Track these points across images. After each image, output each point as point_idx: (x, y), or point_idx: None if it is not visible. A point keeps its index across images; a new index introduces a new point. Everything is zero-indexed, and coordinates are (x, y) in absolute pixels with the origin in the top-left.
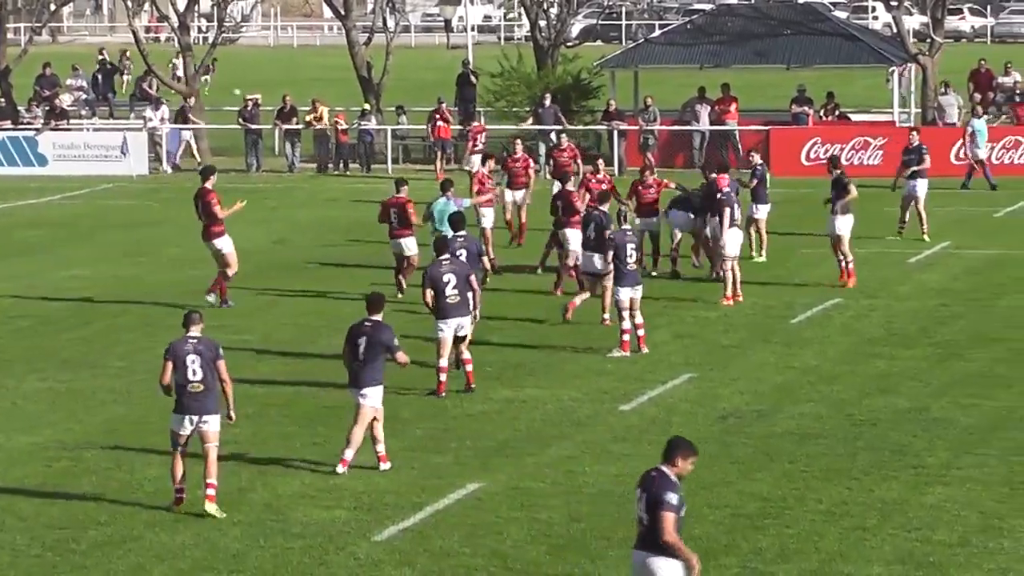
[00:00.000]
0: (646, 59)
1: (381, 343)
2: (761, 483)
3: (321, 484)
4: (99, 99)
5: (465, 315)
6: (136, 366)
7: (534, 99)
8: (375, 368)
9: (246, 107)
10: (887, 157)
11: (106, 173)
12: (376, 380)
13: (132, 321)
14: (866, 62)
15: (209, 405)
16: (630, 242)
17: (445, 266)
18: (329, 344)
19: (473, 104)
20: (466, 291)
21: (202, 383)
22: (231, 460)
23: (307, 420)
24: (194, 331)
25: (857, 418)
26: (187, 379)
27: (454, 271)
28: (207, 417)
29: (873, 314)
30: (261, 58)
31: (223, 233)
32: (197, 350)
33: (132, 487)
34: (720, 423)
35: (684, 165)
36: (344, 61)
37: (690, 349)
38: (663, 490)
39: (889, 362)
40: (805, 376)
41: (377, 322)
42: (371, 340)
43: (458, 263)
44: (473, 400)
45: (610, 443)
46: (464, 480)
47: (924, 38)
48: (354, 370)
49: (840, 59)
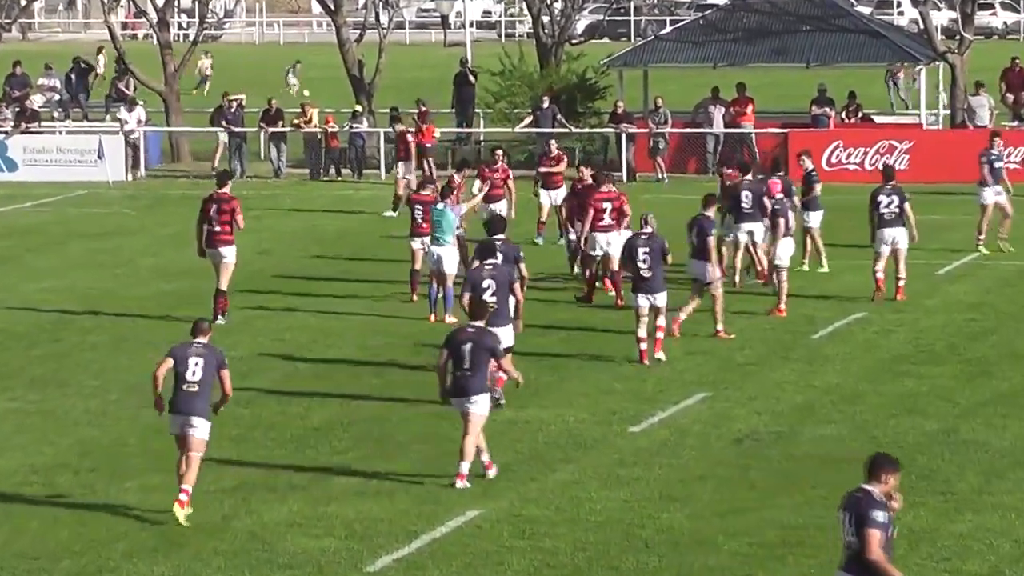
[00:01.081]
0: (656, 57)
1: (487, 348)
2: (781, 510)
3: (309, 511)
4: (72, 100)
5: (502, 325)
6: (111, 385)
7: (537, 100)
8: (482, 375)
9: (229, 108)
10: (914, 162)
11: (80, 179)
12: (484, 387)
13: (106, 337)
14: (891, 60)
15: (197, 407)
16: (642, 247)
17: (487, 271)
18: (317, 361)
19: (472, 105)
20: (506, 300)
21: (198, 384)
22: (213, 485)
23: (295, 443)
24: (201, 339)
25: (882, 440)
26: (185, 378)
27: (495, 277)
28: (194, 420)
29: (899, 329)
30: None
31: (233, 243)
32: (201, 354)
33: (108, 514)
34: (736, 446)
35: (697, 171)
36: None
37: (703, 366)
38: (870, 508)
39: (916, 380)
40: (827, 395)
41: (481, 327)
42: (477, 346)
43: (500, 270)
44: None
45: (618, 467)
46: (462, 506)
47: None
48: (459, 379)
49: (863, 57)
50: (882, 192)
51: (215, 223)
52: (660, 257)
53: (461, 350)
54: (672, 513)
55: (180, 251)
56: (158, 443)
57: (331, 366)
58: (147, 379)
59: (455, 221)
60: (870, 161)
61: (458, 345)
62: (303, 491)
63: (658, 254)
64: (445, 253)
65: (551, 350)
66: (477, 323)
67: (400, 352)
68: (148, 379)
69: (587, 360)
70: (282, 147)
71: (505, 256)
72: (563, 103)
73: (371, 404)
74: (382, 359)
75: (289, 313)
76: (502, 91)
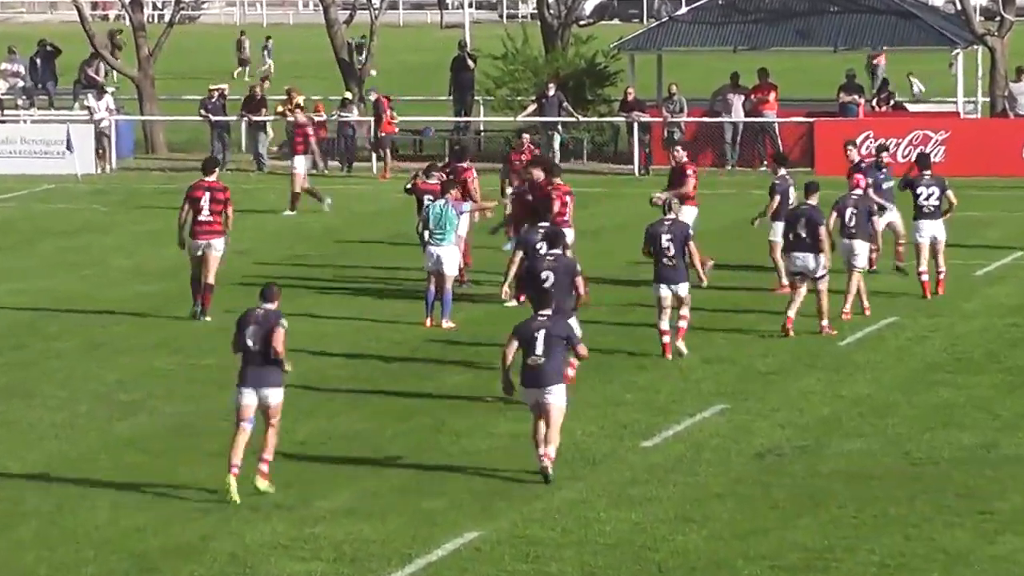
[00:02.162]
0: (671, 40)
1: (560, 336)
2: (805, 531)
3: (295, 532)
4: (38, 87)
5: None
6: (80, 395)
7: (541, 86)
8: (556, 364)
9: (210, 98)
10: (950, 153)
11: (47, 172)
12: (560, 377)
13: (75, 344)
14: (925, 44)
15: (267, 377)
16: (664, 234)
17: (548, 262)
18: (303, 371)
19: (471, 92)
20: (566, 293)
21: (259, 354)
22: (190, 504)
23: (278, 459)
24: (268, 305)
25: (915, 456)
26: (246, 348)
27: (555, 268)
28: (266, 391)
29: (934, 335)
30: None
31: (224, 234)
32: (258, 320)
33: (77, 535)
34: (757, 461)
35: (713, 163)
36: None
37: (722, 375)
38: None
39: (953, 391)
40: (855, 407)
41: (551, 314)
42: (550, 334)
43: (561, 260)
44: (472, 435)
45: (629, 485)
46: (461, 527)
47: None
48: (532, 369)
49: (895, 40)
50: (921, 183)
51: (205, 212)
52: (683, 244)
53: (533, 339)
54: (688, 535)
55: (155, 250)
56: (130, 457)
57: (318, 375)
58: (118, 389)
59: (455, 219)
60: (903, 153)
61: (530, 334)
62: (288, 510)
63: (681, 241)
64: (445, 253)
65: None
66: (547, 311)
67: (394, 360)
68: (119, 389)
69: (595, 369)
70: (262, 137)
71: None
72: (570, 90)
73: (362, 416)
74: (373, 367)
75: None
76: (504, 77)
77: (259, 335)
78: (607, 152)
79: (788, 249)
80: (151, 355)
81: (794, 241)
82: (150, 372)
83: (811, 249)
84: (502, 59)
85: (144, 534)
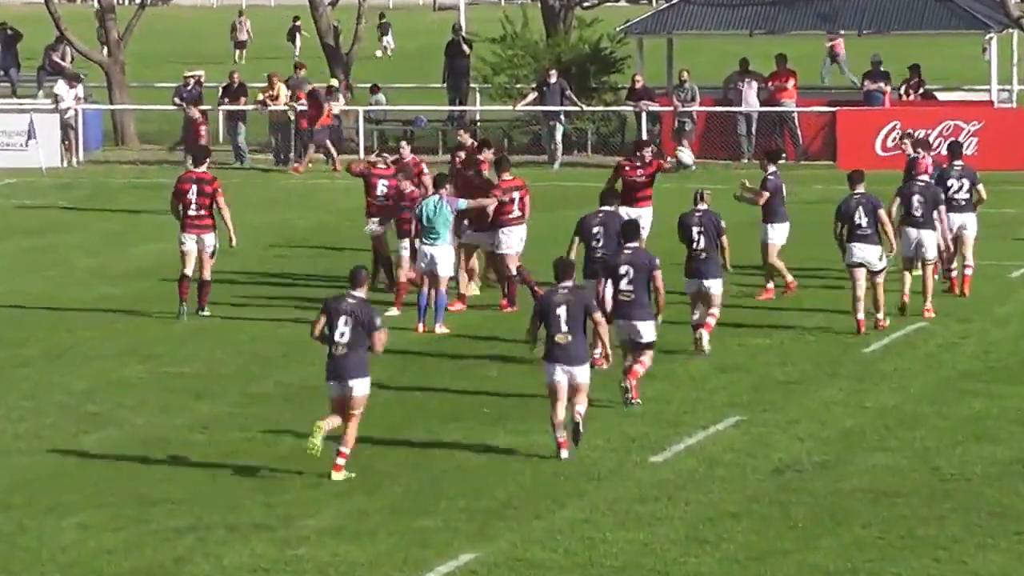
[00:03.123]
0: (682, 23)
1: (583, 306)
2: (826, 553)
3: (276, 554)
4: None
5: (643, 319)
6: (45, 407)
7: (542, 73)
8: (582, 338)
9: (185, 85)
10: (983, 145)
11: (8, 165)
12: (586, 353)
13: (39, 350)
14: (957, 27)
15: (353, 369)
16: (696, 225)
17: (625, 255)
18: (284, 378)
19: (466, 79)
20: (644, 288)
21: (347, 346)
22: (164, 524)
23: (258, 474)
24: (359, 292)
25: (945, 472)
26: (334, 339)
27: (632, 262)
28: (351, 382)
29: (965, 341)
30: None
31: (215, 228)
32: (352, 311)
33: (41, 559)
34: (775, 478)
35: (729, 156)
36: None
37: (737, 385)
38: None
39: (986, 401)
40: (881, 419)
41: (574, 287)
42: (573, 307)
43: (639, 254)
44: (467, 449)
45: (637, 503)
46: (456, 549)
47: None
48: (558, 344)
49: (925, 24)
50: (951, 174)
51: (193, 206)
52: (715, 236)
53: (556, 314)
54: (700, 557)
55: (124, 250)
56: (99, 473)
57: (300, 384)
58: (85, 399)
59: (450, 217)
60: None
61: (552, 309)
62: (269, 531)
63: (713, 232)
64: (439, 252)
65: None
66: (568, 283)
67: (383, 368)
68: (87, 399)
69: (600, 378)
70: (240, 127)
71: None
72: (573, 77)
73: None
74: None
75: (252, 322)
76: (502, 63)
77: (351, 329)
78: (613, 144)
79: (847, 240)
80: (121, 363)
81: (852, 232)
82: (120, 381)
83: (871, 240)
84: (500, 43)
85: (114, 556)
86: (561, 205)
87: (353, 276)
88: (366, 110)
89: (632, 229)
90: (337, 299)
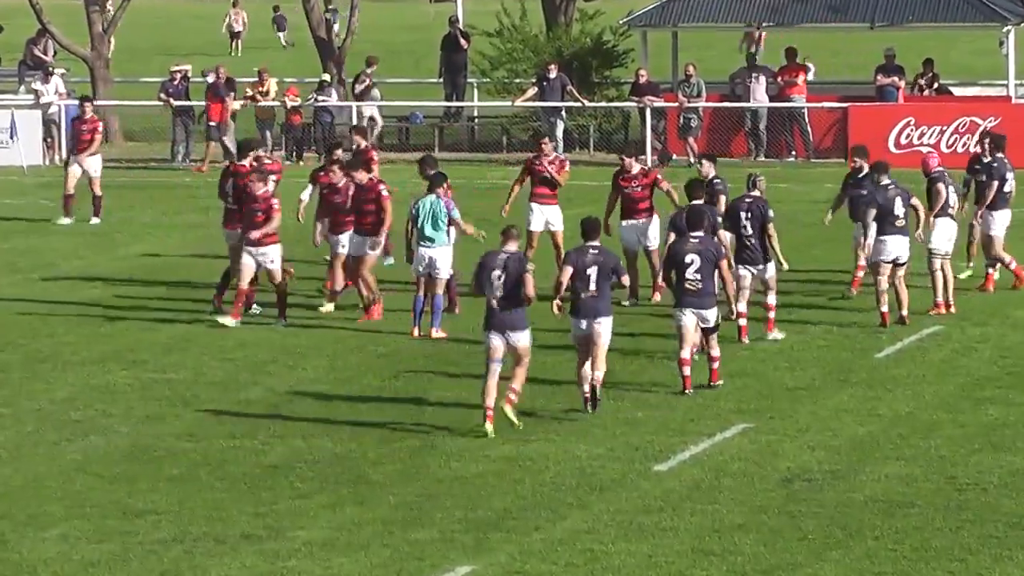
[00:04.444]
0: (687, 16)
1: (611, 269)
2: (837, 566)
3: (266, 567)
4: None
5: (708, 307)
6: (25, 415)
7: (542, 68)
8: (608, 296)
9: (172, 80)
10: None
11: None
12: (610, 309)
13: (20, 356)
14: (973, 20)
15: (515, 322)
16: (744, 210)
17: (691, 244)
18: (274, 384)
19: (463, 74)
20: (711, 276)
21: (505, 299)
22: (149, 536)
23: (247, 483)
24: (509, 247)
25: (961, 481)
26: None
27: (700, 252)
28: (514, 335)
29: (982, 346)
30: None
31: None
32: (503, 265)
33: (22, 571)
34: (784, 488)
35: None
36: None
37: (744, 391)
38: None
39: (1003, 408)
40: (894, 427)
41: (603, 248)
42: (602, 268)
43: (706, 243)
44: (464, 458)
45: (641, 514)
46: (452, 561)
47: None
48: (586, 301)
49: (940, 16)
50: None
51: (231, 199)
52: (762, 223)
53: (586, 274)
54: (707, 570)
55: (109, 251)
56: (82, 483)
57: (292, 391)
58: (68, 407)
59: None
60: (947, 142)
61: (583, 268)
62: (259, 542)
63: (759, 220)
64: (438, 255)
65: (559, 370)
66: (596, 242)
67: (376, 375)
68: (69, 406)
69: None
70: (230, 124)
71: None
72: (574, 71)
73: (341, 438)
74: (354, 383)
75: (242, 326)
76: (500, 57)
77: (506, 281)
78: (616, 141)
79: (882, 233)
80: (104, 369)
81: (889, 225)
82: (103, 388)
83: (905, 232)
84: (498, 37)
85: (98, 569)
86: (562, 204)
87: (505, 232)
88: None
89: (698, 218)
90: (492, 254)
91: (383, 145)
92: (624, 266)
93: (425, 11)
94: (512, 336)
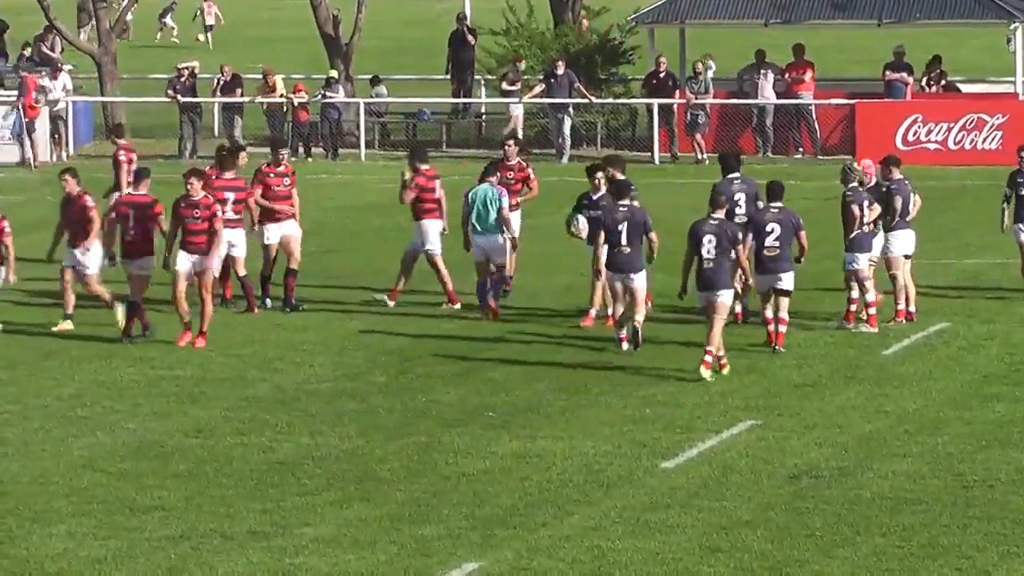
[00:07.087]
0: (695, 12)
1: (640, 223)
2: (844, 563)
3: (273, 564)
4: None
5: (786, 271)
6: (32, 412)
7: (550, 64)
8: (638, 250)
9: (179, 77)
10: (1007, 139)
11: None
12: (642, 264)
13: (27, 351)
14: (980, 17)
15: (632, 264)
16: (856, 202)
17: (771, 214)
18: (281, 381)
19: (471, 71)
20: (788, 243)
21: (714, 261)
22: (156, 532)
23: (254, 480)
24: (718, 214)
25: (968, 478)
26: (703, 256)
27: (780, 220)
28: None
29: (989, 343)
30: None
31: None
32: (715, 231)
33: (29, 567)
34: (791, 484)
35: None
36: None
37: (751, 388)
38: None
39: (1010, 405)
40: (901, 424)
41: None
42: (632, 223)
43: (786, 213)
44: (470, 454)
45: (648, 511)
46: (459, 558)
47: None
48: (618, 256)
49: (947, 13)
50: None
51: (275, 198)
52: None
53: (617, 230)
54: (714, 567)
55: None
56: (88, 479)
57: (298, 388)
58: (74, 403)
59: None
60: (955, 139)
61: (614, 225)
62: (265, 539)
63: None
64: (489, 242)
65: (566, 366)
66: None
67: (383, 371)
68: (76, 403)
69: (609, 381)
70: (237, 121)
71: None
72: (582, 68)
73: (348, 434)
74: (361, 380)
75: (249, 323)
76: (508, 54)
77: (716, 246)
78: (624, 138)
79: (897, 228)
80: (111, 365)
81: (901, 220)
82: (111, 384)
83: (912, 227)
84: (505, 34)
85: (104, 565)
86: (569, 200)
87: (713, 199)
88: (367, 102)
89: (778, 190)
90: (701, 222)
91: (391, 143)
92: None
93: (432, 8)
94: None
